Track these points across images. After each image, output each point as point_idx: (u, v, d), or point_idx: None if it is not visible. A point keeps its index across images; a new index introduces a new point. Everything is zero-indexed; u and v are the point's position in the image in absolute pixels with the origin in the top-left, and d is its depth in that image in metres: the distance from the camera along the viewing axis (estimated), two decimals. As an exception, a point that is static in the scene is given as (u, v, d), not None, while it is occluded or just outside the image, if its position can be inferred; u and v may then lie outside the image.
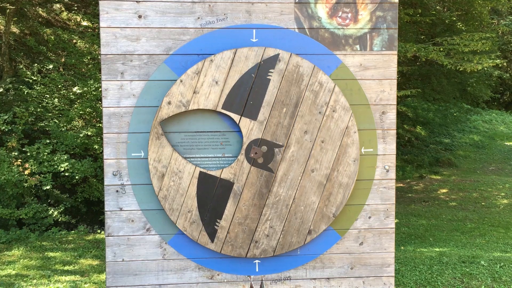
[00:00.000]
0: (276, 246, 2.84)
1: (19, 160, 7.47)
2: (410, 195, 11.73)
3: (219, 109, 2.76)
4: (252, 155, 2.78)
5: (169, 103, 2.74)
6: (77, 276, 5.11)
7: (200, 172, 2.77)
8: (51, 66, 8.73)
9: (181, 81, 2.73)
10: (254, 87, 2.77)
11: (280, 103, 2.79)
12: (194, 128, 2.82)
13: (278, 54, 2.77)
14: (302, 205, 2.84)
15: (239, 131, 2.84)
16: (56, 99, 8.38)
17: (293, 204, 2.83)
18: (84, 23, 9.73)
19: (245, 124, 2.78)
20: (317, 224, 2.85)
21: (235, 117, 2.77)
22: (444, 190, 11.98)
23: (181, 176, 2.77)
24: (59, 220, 7.79)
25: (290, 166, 2.82)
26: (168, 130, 2.80)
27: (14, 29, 9.55)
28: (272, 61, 2.77)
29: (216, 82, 2.75)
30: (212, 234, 2.80)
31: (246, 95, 2.77)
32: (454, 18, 10.73)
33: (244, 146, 2.79)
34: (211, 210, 2.79)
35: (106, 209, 2.82)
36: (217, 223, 2.79)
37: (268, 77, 2.78)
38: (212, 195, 2.79)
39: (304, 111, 2.81)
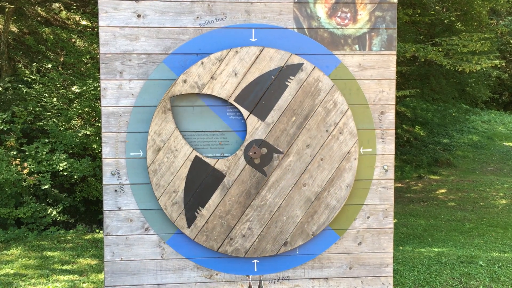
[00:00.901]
0: (249, 249, 2.83)
1: (18, 159, 7.46)
2: (408, 195, 11.74)
3: (231, 100, 2.75)
4: (250, 153, 2.78)
5: (185, 81, 2.74)
6: (76, 275, 5.11)
7: (196, 156, 2.77)
8: (50, 65, 8.72)
9: (202, 63, 2.73)
10: (270, 88, 2.78)
11: (291, 111, 2.79)
12: (193, 128, 2.82)
13: (302, 64, 2.78)
14: (285, 215, 2.83)
15: (238, 131, 2.84)
16: (55, 98, 8.37)
17: (277, 212, 2.83)
18: (83, 22, 9.72)
19: (252, 122, 2.78)
20: (295, 238, 2.85)
21: (245, 112, 2.77)
22: (443, 190, 11.99)
23: (176, 155, 2.76)
24: (58, 219, 7.79)
25: (284, 175, 2.82)
26: None
27: (13, 28, 9.54)
28: (294, 69, 2.78)
29: (236, 74, 2.75)
30: (190, 220, 2.78)
31: (261, 94, 2.77)
32: (453, 18, 10.75)
33: (245, 143, 2.79)
34: (196, 196, 2.78)
35: (104, 208, 2.81)
36: (198, 210, 2.78)
37: (286, 83, 2.78)
38: (201, 181, 2.78)
39: (312, 125, 2.81)
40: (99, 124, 8.40)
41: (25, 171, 7.31)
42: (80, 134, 8.11)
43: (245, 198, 2.80)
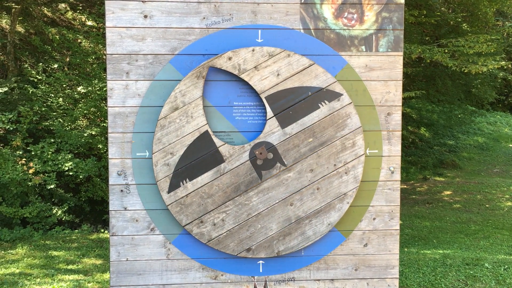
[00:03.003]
0: (213, 239, 2.81)
1: (24, 159, 7.49)
2: (414, 196, 11.70)
3: (263, 96, 2.77)
4: (257, 152, 2.78)
5: (230, 58, 2.75)
6: (81, 275, 5.12)
7: (206, 131, 2.76)
8: (55, 66, 8.76)
9: (253, 50, 2.75)
10: (302, 102, 2.79)
11: (311, 132, 2.80)
12: (199, 128, 2.82)
13: (342, 95, 2.80)
14: (261, 224, 2.83)
15: (244, 132, 2.84)
16: (60, 99, 8.40)
17: (254, 217, 2.82)
18: (89, 22, 9.75)
19: (272, 124, 2.79)
20: (259, 248, 2.84)
21: (269, 113, 2.78)
22: (448, 192, 11.95)
23: (189, 121, 2.76)
24: (63, 219, 7.81)
25: (277, 186, 2.81)
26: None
27: (19, 28, 9.58)
28: (332, 96, 2.80)
29: (278, 75, 2.77)
30: (173, 186, 2.77)
31: (292, 103, 2.79)
32: (459, 19, 10.71)
33: (257, 141, 2.79)
34: (189, 167, 2.77)
35: (110, 208, 2.82)
36: (184, 181, 2.78)
37: (319, 104, 2.80)
38: (200, 156, 2.77)
39: (324, 154, 2.82)
40: (104, 124, 8.43)
41: (30, 171, 7.34)
42: (85, 134, 8.14)
43: (232, 190, 2.80)
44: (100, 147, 8.31)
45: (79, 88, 8.38)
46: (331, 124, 2.82)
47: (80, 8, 10.06)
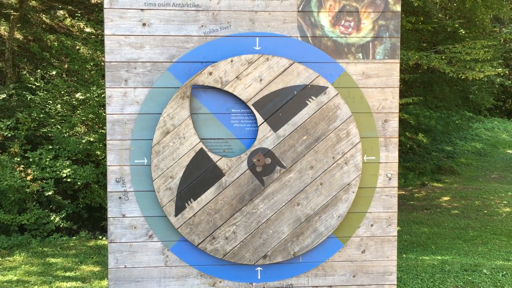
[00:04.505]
0: (228, 252, 2.82)
1: (22, 165, 7.48)
2: (412, 202, 11.71)
3: (250, 104, 2.78)
4: (254, 160, 2.79)
5: (210, 73, 2.76)
6: (78, 282, 5.11)
7: (201, 148, 2.77)
8: (54, 72, 8.77)
9: (231, 61, 2.76)
10: (290, 103, 2.80)
11: (304, 130, 2.81)
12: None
13: (327, 88, 2.80)
14: (272, 229, 2.83)
15: (242, 139, 2.85)
16: (59, 105, 8.41)
17: (264, 223, 2.83)
18: (87, 29, 9.77)
19: (264, 130, 2.80)
20: (275, 253, 2.85)
21: (259, 119, 2.79)
22: (446, 198, 11.96)
23: (183, 142, 2.77)
24: (61, 226, 7.79)
25: (281, 189, 2.82)
26: None
27: (18, 35, 9.60)
28: (318, 90, 2.81)
29: (261, 80, 2.78)
30: (179, 209, 2.78)
31: (280, 106, 2.79)
32: (457, 25, 10.76)
33: (252, 149, 2.80)
34: (191, 188, 2.78)
35: (109, 215, 2.82)
36: (189, 202, 2.79)
37: (307, 101, 2.81)
38: (199, 174, 2.78)
39: (321, 148, 2.83)
40: (102, 131, 8.43)
41: (28, 178, 7.33)
42: (83, 141, 8.13)
43: (238, 201, 2.81)
44: (98, 153, 8.31)
45: (77, 95, 8.38)
46: (322, 118, 2.82)
47: (79, 15, 10.08)
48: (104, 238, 7.73)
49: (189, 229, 2.79)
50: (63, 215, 7.83)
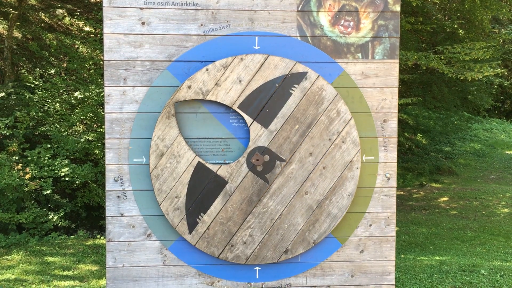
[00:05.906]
0: (250, 256, 2.83)
1: (20, 164, 7.47)
2: (410, 203, 11.72)
3: (235, 107, 2.77)
4: (253, 160, 2.78)
5: (189, 87, 2.75)
6: (76, 281, 5.10)
7: (199, 162, 2.78)
8: (53, 71, 8.76)
9: (207, 69, 2.75)
10: (274, 96, 2.79)
11: (294, 119, 2.81)
12: (196, 134, 2.83)
13: (307, 73, 2.80)
14: (287, 223, 2.84)
15: (241, 138, 2.85)
16: (57, 104, 8.39)
17: (278, 219, 2.83)
18: (87, 28, 9.77)
19: (255, 129, 2.79)
20: (296, 246, 2.85)
21: (248, 119, 2.78)
22: (445, 199, 11.97)
23: (179, 160, 2.77)
24: (59, 225, 7.78)
25: (286, 182, 2.82)
26: None
27: (17, 33, 9.59)
28: (298, 77, 2.80)
29: (240, 81, 2.77)
30: (192, 226, 2.79)
31: (265, 102, 2.79)
32: (456, 26, 10.76)
33: (248, 150, 2.80)
34: (198, 202, 2.78)
35: (107, 214, 2.82)
36: (200, 216, 2.79)
37: (290, 91, 2.80)
38: (203, 187, 2.79)
39: (315, 133, 2.82)
40: (101, 130, 8.42)
41: (27, 176, 7.32)
42: (82, 140, 8.12)
43: (247, 205, 2.81)
44: (97, 152, 8.30)
45: (76, 94, 8.37)
46: (309, 104, 2.82)
47: (78, 14, 10.08)
48: (102, 237, 7.72)
49: (206, 243, 2.80)
50: (61, 214, 7.81)
